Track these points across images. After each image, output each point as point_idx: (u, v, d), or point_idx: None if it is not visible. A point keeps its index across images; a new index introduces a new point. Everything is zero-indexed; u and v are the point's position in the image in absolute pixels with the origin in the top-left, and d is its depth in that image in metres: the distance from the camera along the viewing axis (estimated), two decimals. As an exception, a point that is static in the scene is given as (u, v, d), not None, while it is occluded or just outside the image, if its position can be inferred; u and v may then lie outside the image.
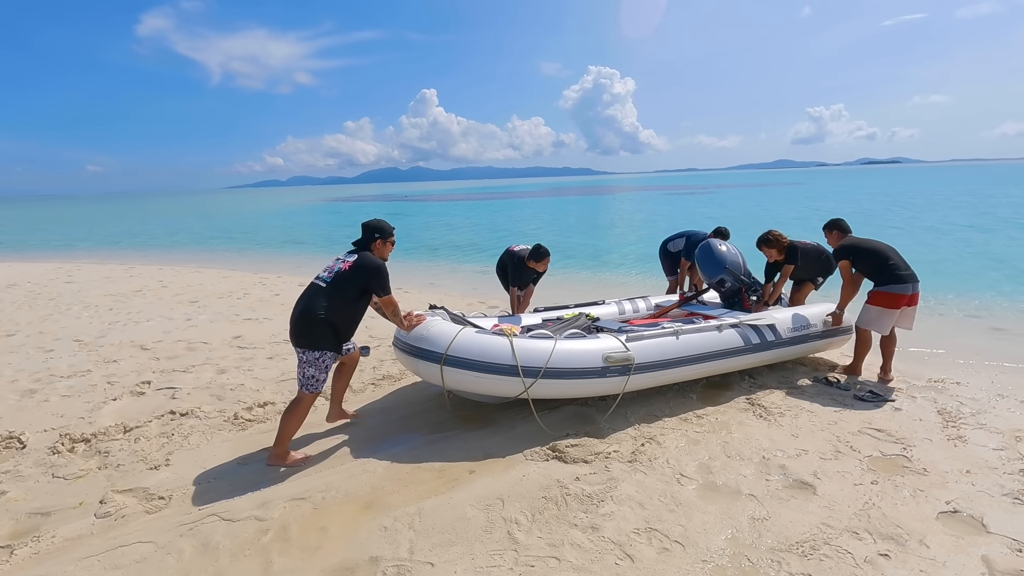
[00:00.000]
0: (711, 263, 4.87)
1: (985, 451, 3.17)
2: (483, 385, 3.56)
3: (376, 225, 3.43)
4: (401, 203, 53.10)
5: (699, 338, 4.00)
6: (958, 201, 26.31)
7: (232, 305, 7.94)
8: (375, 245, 3.41)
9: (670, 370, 3.87)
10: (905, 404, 3.86)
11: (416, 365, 3.66)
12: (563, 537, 2.46)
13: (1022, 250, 11.35)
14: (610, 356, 3.61)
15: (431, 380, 3.69)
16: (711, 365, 4.06)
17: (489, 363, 3.47)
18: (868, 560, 2.27)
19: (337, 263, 3.33)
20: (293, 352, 5.43)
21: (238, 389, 4.46)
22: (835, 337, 4.66)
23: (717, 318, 4.44)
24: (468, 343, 3.52)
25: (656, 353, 3.80)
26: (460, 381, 3.55)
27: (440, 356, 3.48)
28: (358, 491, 2.91)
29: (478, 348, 3.51)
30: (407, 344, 3.68)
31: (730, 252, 4.92)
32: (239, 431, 3.70)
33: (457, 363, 3.47)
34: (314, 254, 15.91)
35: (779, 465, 3.04)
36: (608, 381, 3.63)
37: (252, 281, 10.28)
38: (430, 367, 3.54)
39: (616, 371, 3.62)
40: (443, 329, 3.63)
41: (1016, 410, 3.74)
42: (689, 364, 3.93)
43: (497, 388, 3.56)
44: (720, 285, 4.90)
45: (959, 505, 2.64)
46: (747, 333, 4.20)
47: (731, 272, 4.80)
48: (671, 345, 3.88)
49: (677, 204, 35.96)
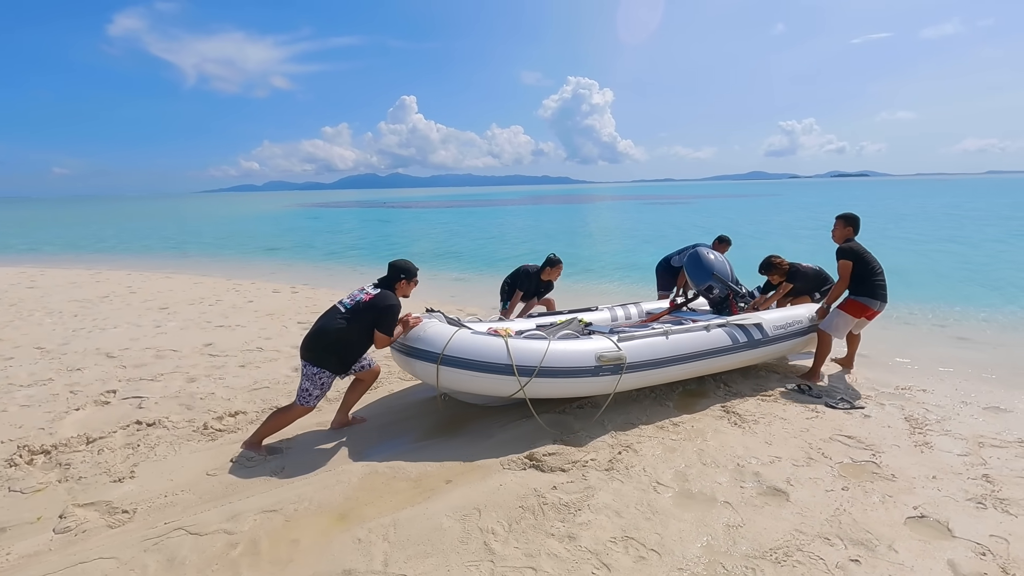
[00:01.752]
0: (699, 271, 5.01)
1: (950, 457, 3.26)
2: (479, 384, 3.61)
3: (403, 266, 3.65)
4: (380, 209, 52.75)
5: (688, 338, 4.11)
6: (925, 214, 27.23)
7: (203, 312, 7.76)
8: (399, 284, 3.62)
9: (661, 369, 3.96)
10: (874, 411, 3.94)
11: (412, 365, 3.70)
12: (540, 547, 2.44)
13: (985, 262, 11.78)
14: (603, 356, 3.70)
15: (427, 380, 3.71)
16: (700, 364, 4.15)
17: (485, 362, 3.54)
18: (839, 566, 2.31)
19: (360, 293, 3.54)
20: (266, 360, 5.35)
21: (208, 398, 4.34)
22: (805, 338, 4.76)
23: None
24: (464, 343, 3.59)
25: (647, 352, 3.89)
26: (456, 380, 3.60)
27: (436, 356, 3.55)
28: (332, 502, 2.85)
29: (474, 348, 3.58)
30: (403, 345, 3.73)
31: (718, 260, 5.07)
32: (208, 441, 3.60)
33: (453, 363, 3.54)
34: (290, 260, 15.66)
35: (753, 472, 3.08)
36: (601, 380, 3.71)
37: (225, 287, 10.07)
38: (426, 367, 3.59)
39: (608, 370, 3.71)
40: (439, 330, 3.69)
41: (978, 416, 3.85)
42: (679, 363, 4.03)
43: (493, 387, 3.61)
44: (708, 292, 5.02)
45: (926, 510, 2.70)
46: (734, 332, 4.32)
47: (719, 279, 4.94)
48: (661, 345, 3.98)
49: (657, 214, 36.43)
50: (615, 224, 28.69)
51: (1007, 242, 15.22)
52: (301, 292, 9.52)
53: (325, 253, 17.52)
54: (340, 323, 3.39)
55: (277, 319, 7.26)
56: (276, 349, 5.76)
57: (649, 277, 6.68)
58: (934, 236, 17.26)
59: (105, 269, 13.33)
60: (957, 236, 16.98)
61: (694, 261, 5.07)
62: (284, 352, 5.64)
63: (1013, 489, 2.88)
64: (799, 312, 4.78)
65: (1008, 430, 3.62)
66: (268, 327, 6.79)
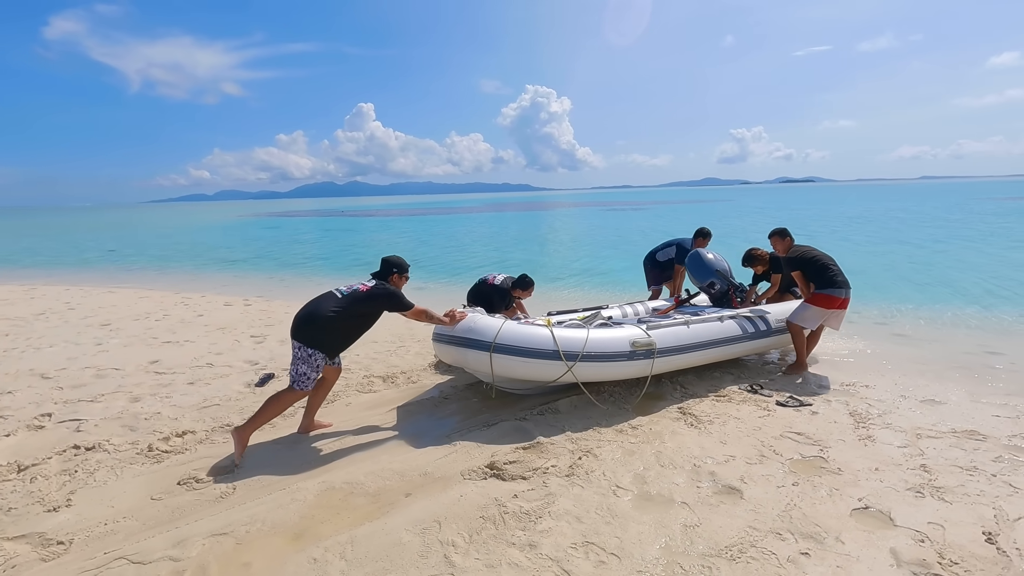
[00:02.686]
0: (702, 269, 5.47)
1: (891, 449, 3.42)
2: (529, 370, 3.95)
3: (395, 261, 3.84)
4: (338, 218, 51.75)
5: (707, 327, 4.63)
6: (869, 217, 28.70)
7: (149, 327, 7.41)
8: (392, 279, 3.79)
9: (686, 354, 4.43)
10: (821, 408, 4.11)
11: (465, 355, 4.00)
12: (501, 557, 2.43)
13: (922, 262, 12.49)
14: (636, 342, 4.13)
15: (479, 368, 4.02)
16: (717, 351, 4.67)
17: (534, 349, 3.90)
18: (791, 560, 2.38)
19: (357, 283, 3.71)
20: (217, 377, 5.15)
21: (154, 418, 4.14)
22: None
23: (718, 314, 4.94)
24: (514, 332, 3.95)
25: (673, 339, 4.35)
26: (508, 367, 3.93)
27: (489, 344, 3.87)
28: (286, 522, 2.76)
29: (523, 336, 3.94)
30: (455, 336, 4.04)
31: (717, 259, 5.54)
32: (154, 464, 3.43)
33: (505, 350, 3.88)
34: (244, 272, 15.14)
35: (709, 472, 3.15)
36: (637, 364, 4.14)
37: (173, 301, 9.66)
38: (480, 355, 3.91)
39: (642, 355, 4.13)
40: (489, 321, 4.04)
41: (916, 409, 4.07)
42: (700, 349, 4.52)
43: (541, 372, 3.96)
44: (711, 288, 5.47)
45: (870, 501, 2.82)
46: (744, 323, 4.86)
47: (721, 275, 5.42)
48: (684, 333, 4.46)
49: (617, 220, 37.06)
50: (576, 230, 29.06)
51: (943, 243, 16.20)
52: (255, 305, 9.22)
53: (281, 264, 17.04)
54: (334, 308, 3.50)
55: (229, 333, 7.00)
56: (228, 364, 5.55)
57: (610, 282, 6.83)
58: (878, 238, 18.20)
59: (40, 284, 12.58)
60: (898, 238, 17.95)
61: (696, 260, 5.53)
62: (236, 367, 5.44)
63: (948, 477, 3.05)
64: (793, 305, 5.21)
65: (943, 421, 3.83)
66: (219, 342, 6.54)
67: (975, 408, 4.08)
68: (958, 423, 3.79)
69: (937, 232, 19.77)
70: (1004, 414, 3.94)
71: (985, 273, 10.78)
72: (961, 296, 8.65)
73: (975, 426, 3.73)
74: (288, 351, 6.04)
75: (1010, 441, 3.50)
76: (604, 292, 10.16)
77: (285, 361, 5.62)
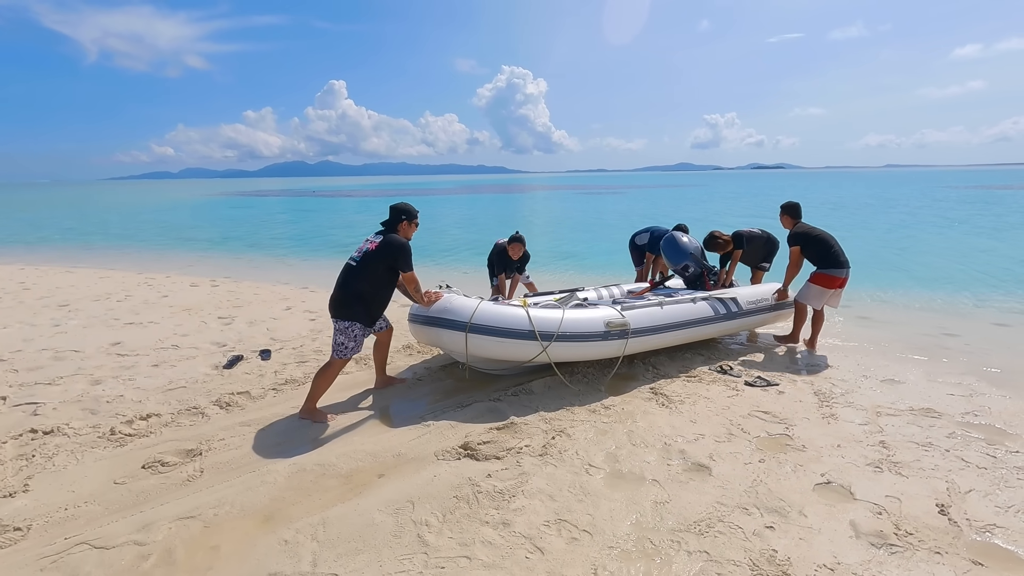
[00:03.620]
0: (676, 252, 5.60)
1: (852, 426, 3.54)
2: (504, 350, 3.99)
3: (403, 208, 3.81)
4: (309, 199, 50.65)
5: (680, 308, 4.72)
6: (834, 203, 29.40)
7: (111, 308, 7.16)
8: (401, 226, 3.78)
9: (659, 335, 4.53)
10: (788, 387, 4.22)
11: (440, 335, 4.01)
12: (474, 535, 2.44)
13: (885, 247, 12.89)
14: (610, 322, 4.19)
15: (455, 348, 4.06)
16: (690, 332, 4.77)
17: (509, 329, 3.92)
18: (756, 533, 2.45)
19: (366, 244, 3.69)
20: (183, 358, 5.04)
21: (116, 401, 4.01)
22: (781, 310, 5.52)
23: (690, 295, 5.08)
24: (489, 312, 3.96)
25: (647, 320, 4.43)
26: (483, 347, 3.97)
27: (465, 325, 3.88)
28: (256, 504, 2.71)
29: (499, 316, 3.96)
30: (430, 317, 4.02)
31: (691, 242, 5.67)
32: (116, 447, 3.33)
33: (480, 330, 3.90)
34: (211, 252, 14.71)
35: (679, 450, 3.21)
36: (610, 344, 4.20)
37: (136, 281, 9.34)
38: (455, 335, 3.93)
39: (616, 335, 4.21)
40: (464, 302, 4.03)
41: (876, 388, 4.22)
42: (673, 330, 4.61)
43: (517, 352, 4.00)
44: (684, 271, 5.62)
45: (831, 476, 2.92)
46: (716, 305, 4.98)
47: (694, 258, 5.56)
48: (658, 314, 4.56)
49: (594, 203, 37.17)
50: (553, 214, 29.05)
51: (907, 229, 16.73)
52: (222, 285, 8.99)
53: (249, 244, 16.62)
54: (355, 278, 3.60)
55: (195, 314, 6.81)
56: (194, 346, 5.41)
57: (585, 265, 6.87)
58: (846, 223, 18.70)
59: (-7, 263, 12.02)
60: (864, 224, 18.48)
61: (671, 244, 5.65)
62: (203, 349, 5.30)
63: (904, 453, 3.18)
64: (765, 288, 5.50)
65: (901, 399, 3.98)
66: (185, 323, 6.36)
67: (931, 387, 4.24)
68: (915, 401, 3.94)
69: (902, 219, 20.42)
70: (958, 392, 4.11)
71: (945, 259, 11.20)
72: (921, 280, 8.98)
73: (931, 404, 3.88)
74: (257, 332, 5.93)
75: (963, 418, 3.66)
76: (581, 275, 10.19)
77: (254, 342, 5.51)
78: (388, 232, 3.73)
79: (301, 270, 11.47)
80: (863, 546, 2.37)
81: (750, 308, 5.20)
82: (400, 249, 3.63)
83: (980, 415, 3.70)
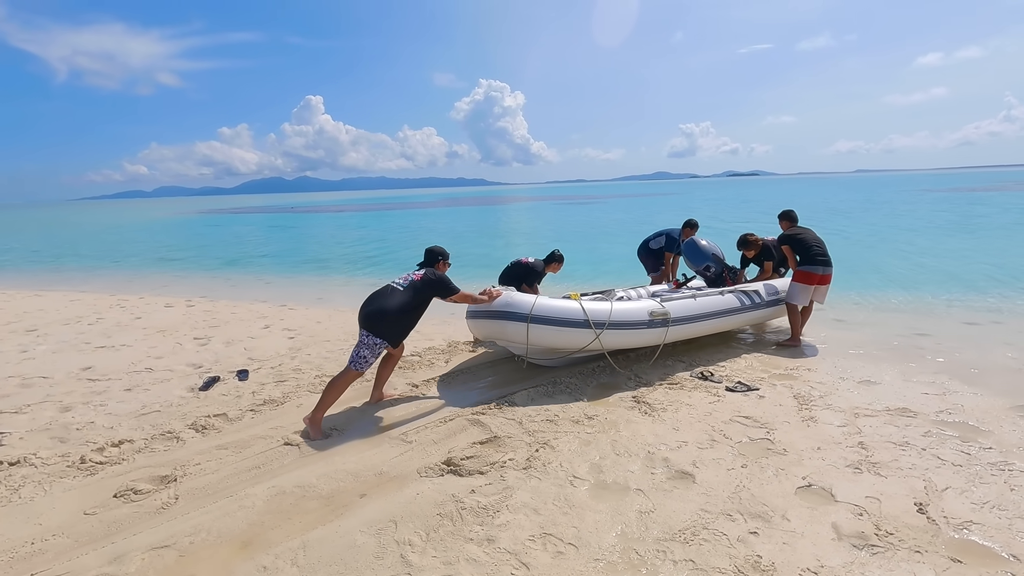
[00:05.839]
0: (698, 254, 6.00)
1: (831, 428, 3.59)
2: (561, 338, 4.44)
3: (438, 250, 4.28)
4: (287, 215, 50.14)
5: (710, 300, 5.26)
6: (807, 208, 30.05)
7: (82, 332, 6.96)
8: (438, 265, 4.23)
9: (694, 324, 5.04)
10: (768, 392, 4.27)
11: (504, 327, 4.42)
12: (459, 553, 2.40)
13: (857, 250, 13.19)
14: (654, 311, 4.73)
15: (516, 338, 4.43)
16: (721, 321, 5.29)
17: (566, 319, 4.40)
18: (740, 539, 2.46)
19: (410, 275, 4.05)
20: (157, 381, 4.91)
21: (87, 428, 3.89)
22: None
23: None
24: (547, 305, 4.44)
25: (683, 311, 4.95)
26: (542, 336, 4.40)
27: (526, 316, 4.33)
28: (233, 530, 2.64)
29: (556, 309, 4.44)
30: (493, 311, 4.46)
31: (711, 245, 6.07)
32: (87, 476, 3.21)
33: (540, 320, 4.35)
34: (185, 271, 14.43)
35: (663, 458, 3.22)
36: (654, 332, 4.73)
37: (108, 303, 9.11)
38: (517, 326, 4.36)
39: (659, 323, 4.73)
40: (524, 297, 4.50)
41: (854, 390, 4.29)
42: (706, 319, 5.14)
43: (572, 340, 4.46)
44: (706, 271, 6.02)
45: (812, 479, 2.95)
46: (742, 297, 5.49)
47: (716, 259, 5.97)
48: (692, 305, 5.09)
49: (573, 213, 37.43)
50: (532, 225, 29.18)
51: (880, 233, 17.15)
52: (198, 305, 8.81)
53: (225, 262, 16.35)
54: (399, 301, 3.84)
55: (170, 335, 6.66)
56: (168, 368, 5.28)
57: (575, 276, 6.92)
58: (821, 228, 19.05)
59: (-43, 289, 11.62)
60: (836, 228, 18.88)
61: (691, 247, 6.08)
62: (178, 371, 5.18)
63: (882, 453, 3.22)
64: (780, 282, 5.94)
65: (878, 400, 4.05)
66: (159, 345, 6.21)
67: (906, 387, 4.33)
68: (891, 402, 4.01)
69: (874, 222, 20.95)
70: (932, 391, 4.20)
71: (915, 260, 11.50)
72: (893, 282, 9.20)
73: (906, 404, 3.96)
74: (234, 352, 5.81)
75: (937, 416, 3.73)
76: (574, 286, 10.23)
77: (231, 363, 5.40)
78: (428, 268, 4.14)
79: (280, 287, 11.31)
80: (845, 548, 2.39)
81: (771, 299, 5.67)
82: (441, 280, 4.03)
83: (953, 413, 3.79)
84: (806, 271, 5.46)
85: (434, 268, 4.17)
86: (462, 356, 5.39)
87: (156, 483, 3.10)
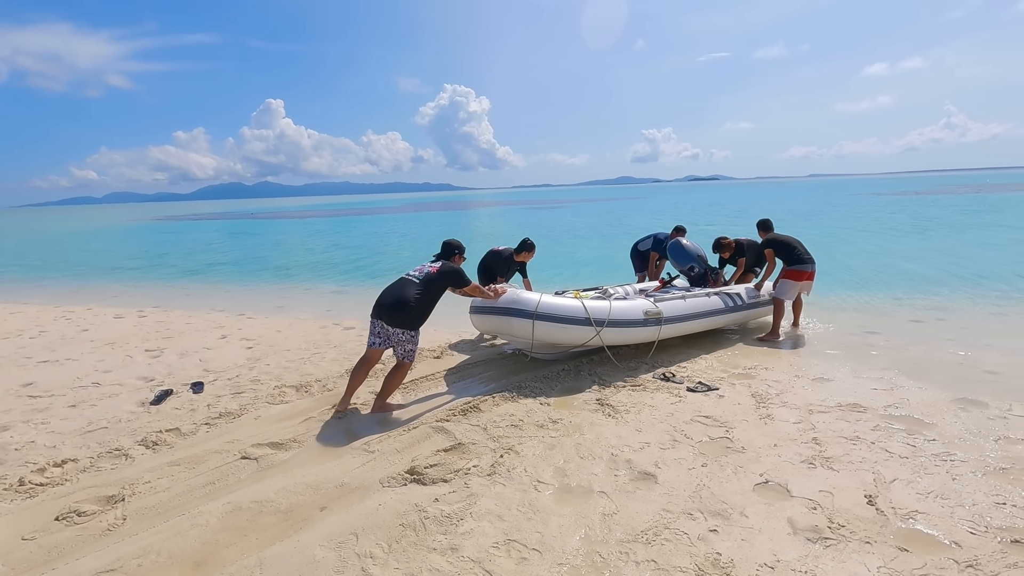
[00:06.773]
0: (683, 255, 6.34)
1: (787, 425, 3.70)
2: (564, 334, 4.72)
3: (456, 244, 4.57)
4: (247, 221, 48.80)
5: (698, 301, 5.64)
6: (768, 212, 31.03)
7: (22, 346, 6.59)
8: (454, 258, 4.48)
9: (685, 323, 5.40)
10: (727, 391, 4.37)
11: (509, 323, 4.68)
12: (421, 564, 2.36)
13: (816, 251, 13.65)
14: (648, 311, 5.06)
15: (522, 334, 4.69)
16: (708, 320, 5.67)
17: (569, 316, 4.69)
18: (701, 537, 2.50)
19: (426, 266, 4.25)
20: (104, 398, 4.70)
21: (26, 448, 3.68)
22: (771, 305, 6.20)
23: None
24: (551, 302, 4.72)
25: (674, 310, 5.30)
26: (547, 332, 4.66)
27: (532, 312, 4.60)
28: (185, 550, 2.53)
29: (559, 306, 4.72)
30: (499, 307, 4.70)
31: (695, 246, 6.41)
32: (25, 499, 3.04)
33: (544, 317, 4.62)
34: (137, 281, 13.84)
35: (626, 460, 3.25)
36: (648, 330, 5.06)
37: (52, 316, 8.66)
38: (523, 322, 4.61)
39: (653, 322, 5.06)
40: (529, 295, 4.76)
41: (808, 388, 4.43)
42: (694, 319, 5.50)
43: (575, 336, 4.75)
44: (690, 271, 6.36)
45: (769, 476, 3.03)
46: (725, 298, 5.88)
47: (700, 260, 6.30)
48: (682, 304, 5.45)
49: (539, 217, 37.62)
50: (505, 228, 29.20)
51: (834, 235, 17.82)
52: (150, 316, 8.47)
53: (181, 271, 15.75)
54: (417, 292, 4.02)
55: (120, 348, 6.38)
56: (117, 382, 5.05)
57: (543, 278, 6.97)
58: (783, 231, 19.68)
59: None
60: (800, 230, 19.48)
61: (677, 248, 6.39)
62: (128, 385, 4.96)
63: (835, 448, 3.34)
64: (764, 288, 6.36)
65: (830, 396, 4.20)
66: (108, 358, 5.94)
67: (857, 383, 4.50)
68: (843, 397, 4.16)
69: (827, 224, 21.78)
70: (880, 387, 4.38)
71: (865, 260, 12.01)
72: (844, 282, 9.56)
73: (857, 399, 4.11)
74: (189, 364, 5.60)
75: (885, 411, 3.89)
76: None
77: (185, 375, 5.20)
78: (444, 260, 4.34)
79: (238, 296, 10.97)
80: (800, 542, 2.46)
81: (752, 301, 6.12)
82: (457, 272, 4.25)
83: (900, 407, 3.95)
84: (796, 269, 5.94)
85: (450, 261, 4.39)
86: (427, 364, 5.34)
87: (102, 504, 2.96)
